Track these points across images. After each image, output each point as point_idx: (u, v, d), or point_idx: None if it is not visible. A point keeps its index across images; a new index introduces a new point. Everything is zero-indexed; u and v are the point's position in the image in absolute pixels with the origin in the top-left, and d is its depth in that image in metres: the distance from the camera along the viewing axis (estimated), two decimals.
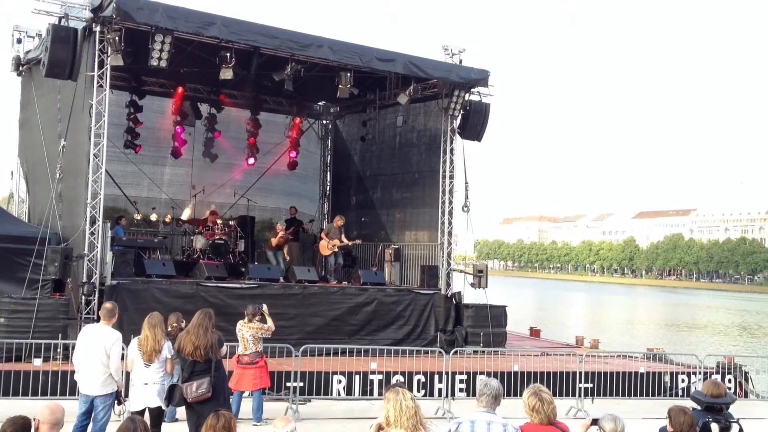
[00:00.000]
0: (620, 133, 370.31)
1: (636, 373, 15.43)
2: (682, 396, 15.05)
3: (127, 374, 8.98)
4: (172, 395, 8.23)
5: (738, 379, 16.42)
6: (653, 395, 15.28)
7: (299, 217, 22.14)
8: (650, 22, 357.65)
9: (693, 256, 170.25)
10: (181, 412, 9.17)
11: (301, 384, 13.01)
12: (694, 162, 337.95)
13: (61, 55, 14.69)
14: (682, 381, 16.05)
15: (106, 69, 15.10)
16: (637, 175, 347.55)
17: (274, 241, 19.76)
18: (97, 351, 8.18)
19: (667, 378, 15.95)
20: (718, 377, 15.16)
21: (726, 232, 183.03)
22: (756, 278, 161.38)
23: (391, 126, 21.69)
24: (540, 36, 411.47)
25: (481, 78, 18.63)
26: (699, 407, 7.12)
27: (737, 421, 7.04)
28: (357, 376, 13.92)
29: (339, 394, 13.77)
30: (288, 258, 20.08)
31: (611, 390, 15.00)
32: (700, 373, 15.72)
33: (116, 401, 8.38)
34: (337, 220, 20.13)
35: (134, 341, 8.58)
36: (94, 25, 14.94)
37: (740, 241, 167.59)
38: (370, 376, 13.92)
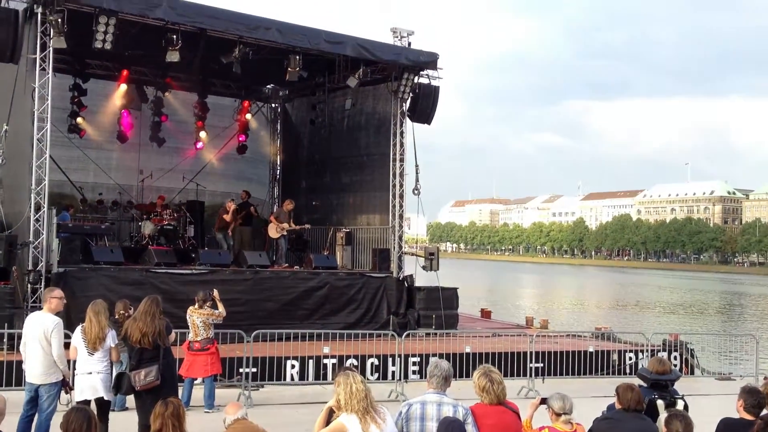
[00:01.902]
0: (568, 115, 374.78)
1: (585, 352, 15.69)
2: (630, 374, 15.34)
3: (74, 363, 8.81)
4: (120, 383, 8.10)
5: (684, 356, 16.82)
6: (602, 374, 15.55)
7: (251, 202, 21.93)
8: None
9: (641, 237, 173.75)
10: (131, 400, 9.05)
11: (254, 370, 12.93)
12: (641, 143, 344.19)
13: (1, 38, 14.23)
14: (630, 359, 16.39)
15: (49, 51, 14.69)
16: (585, 156, 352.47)
17: (227, 218, 19.67)
18: (38, 338, 8.03)
19: (615, 356, 16.27)
20: (664, 355, 15.50)
21: (672, 212, 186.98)
22: (702, 257, 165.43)
23: (341, 109, 21.57)
24: (491, 17, 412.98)
25: (429, 61, 18.65)
26: (645, 384, 7.24)
27: (682, 398, 7.17)
28: (310, 361, 13.91)
29: (292, 379, 13.75)
30: (233, 240, 20.05)
31: (561, 369, 15.24)
32: (647, 351, 16.05)
33: (63, 390, 8.23)
34: (286, 203, 20.04)
35: (78, 329, 8.40)
36: (35, 6, 14.52)
37: (686, 221, 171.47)
38: (324, 361, 13.92)
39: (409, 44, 18.70)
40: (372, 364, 14.27)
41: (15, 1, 14.76)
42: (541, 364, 14.93)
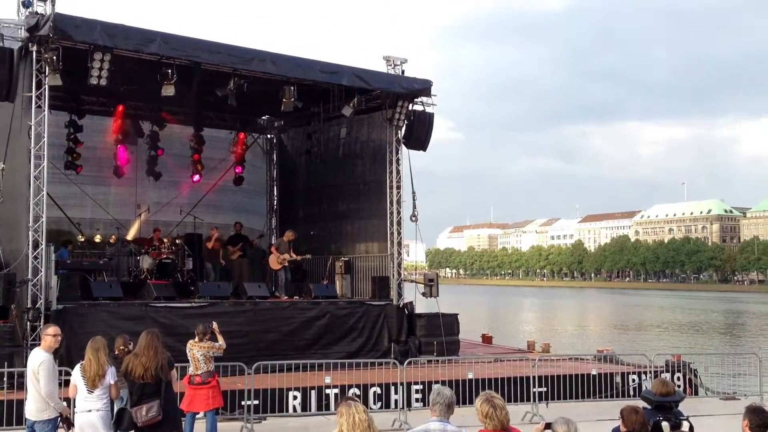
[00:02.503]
0: (564, 138, 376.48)
1: (588, 375, 15.61)
2: (634, 396, 15.25)
3: (74, 401, 8.74)
4: (121, 420, 8.02)
5: (687, 376, 16.74)
6: (605, 396, 15.46)
7: (246, 233, 21.91)
8: None
9: (640, 257, 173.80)
10: None
11: (256, 402, 12.87)
12: (637, 164, 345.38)
13: None
14: (633, 381, 16.30)
15: (44, 89, 14.74)
16: (582, 179, 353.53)
17: (209, 245, 19.75)
18: (30, 376, 8.01)
19: (618, 378, 16.18)
20: (667, 376, 15.43)
21: (670, 232, 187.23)
22: (702, 276, 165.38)
23: (336, 138, 21.60)
24: (484, 39, 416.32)
25: (423, 88, 18.74)
26: (649, 406, 7.21)
27: (687, 419, 7.14)
28: (312, 391, 13.83)
29: (294, 411, 13.64)
30: (224, 263, 20.29)
31: (565, 393, 15.15)
32: (650, 372, 15.98)
33: (64, 428, 8.16)
34: (287, 234, 20.03)
35: (77, 367, 8.35)
36: (30, 44, 14.59)
37: (684, 240, 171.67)
38: (326, 391, 13.84)
39: (403, 72, 18.83)
40: (374, 392, 14.19)
41: (10, 40, 14.81)
42: (545, 389, 14.84)
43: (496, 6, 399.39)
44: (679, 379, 16.28)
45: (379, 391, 14.17)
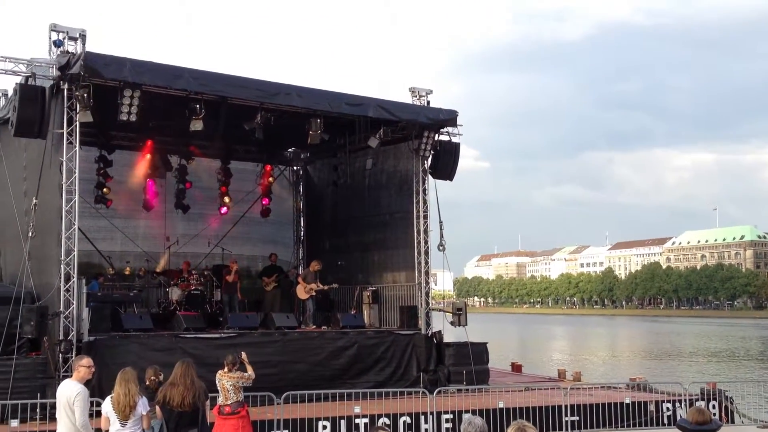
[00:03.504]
0: (589, 166, 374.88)
1: (621, 403, 15.40)
2: (668, 424, 15.04)
3: None
4: None
5: (723, 404, 16.44)
6: (639, 425, 15.23)
7: (279, 264, 22.05)
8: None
9: (671, 284, 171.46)
10: None
11: (286, 431, 12.84)
12: (665, 191, 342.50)
13: (29, 114, 14.61)
14: (667, 409, 16.03)
15: (75, 126, 15.03)
16: (610, 206, 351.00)
17: (229, 278, 19.87)
18: (63, 407, 8.06)
19: (653, 407, 15.93)
20: (703, 404, 15.17)
21: (703, 259, 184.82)
22: (735, 303, 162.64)
23: (362, 169, 21.75)
24: (506, 69, 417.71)
25: (449, 118, 18.81)
26: None
27: None
28: (342, 421, 13.78)
29: None
30: (241, 297, 20.55)
31: (597, 422, 14.94)
32: (685, 400, 15.72)
33: None
34: (313, 264, 20.12)
35: (108, 399, 8.42)
36: (61, 83, 14.90)
37: (717, 267, 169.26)
38: (356, 420, 13.78)
39: (428, 103, 18.94)
40: (404, 422, 14.09)
41: (41, 78, 15.16)
42: (577, 418, 14.67)
43: (513, 36, 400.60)
44: (714, 407, 15.98)
45: (409, 420, 14.08)
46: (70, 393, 8.09)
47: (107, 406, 8.37)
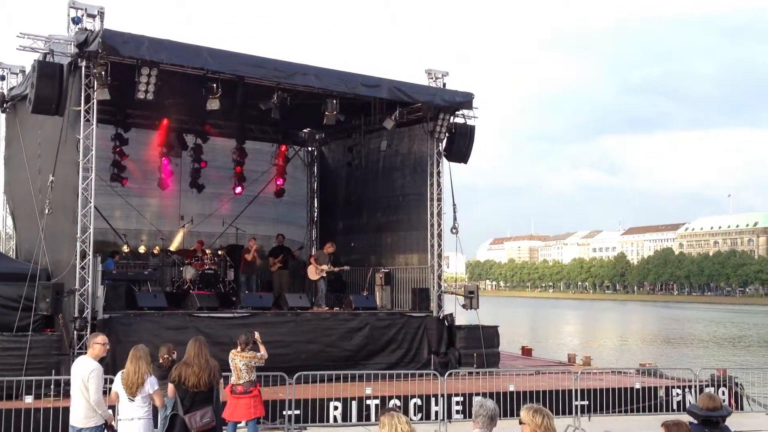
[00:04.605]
0: (607, 150, 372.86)
1: (631, 388, 15.43)
2: (678, 410, 15.06)
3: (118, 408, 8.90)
4: (173, 426, 8.04)
5: (733, 390, 16.45)
6: (649, 411, 15.26)
7: (287, 245, 22.13)
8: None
9: (684, 270, 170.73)
10: None
11: (297, 412, 12.98)
12: (681, 176, 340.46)
13: (47, 91, 14.66)
14: (677, 395, 16.06)
15: (93, 103, 15.08)
16: (625, 191, 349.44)
17: (248, 257, 19.92)
18: (77, 383, 8.16)
19: (662, 392, 15.96)
20: (712, 390, 15.17)
21: (715, 245, 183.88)
22: (747, 290, 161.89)
23: (376, 150, 21.73)
24: (526, 53, 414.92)
25: (465, 101, 18.75)
26: (695, 421, 7.13)
27: None
28: (353, 402, 13.87)
29: (335, 421, 13.70)
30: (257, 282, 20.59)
31: (607, 406, 14.99)
32: (695, 386, 15.73)
33: None
34: (327, 246, 20.19)
35: (119, 375, 8.51)
36: (79, 60, 14.95)
37: (730, 253, 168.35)
38: (367, 401, 13.88)
39: (444, 85, 18.88)
40: (415, 404, 14.19)
41: (59, 55, 15.20)
42: (586, 402, 14.71)
43: (536, 21, 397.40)
44: (724, 393, 16.00)
45: (419, 402, 14.17)
46: (84, 370, 8.17)
47: (117, 381, 8.46)
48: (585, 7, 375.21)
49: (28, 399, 12.27)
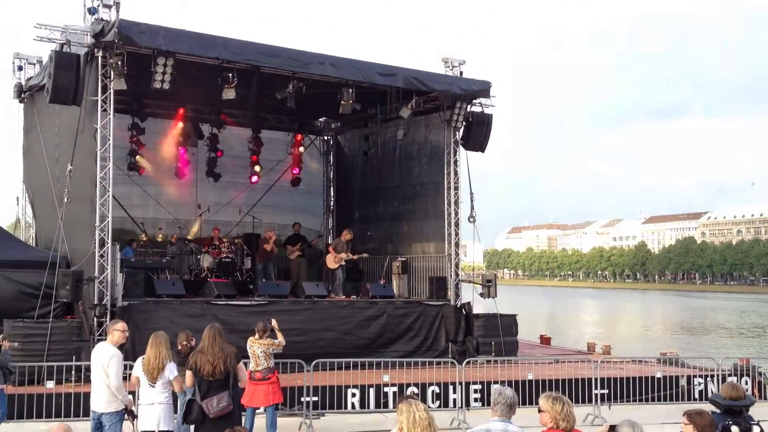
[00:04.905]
0: (625, 136, 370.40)
1: (652, 377, 15.32)
2: (700, 399, 14.92)
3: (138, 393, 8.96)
4: (190, 411, 8.05)
5: (756, 380, 16.29)
6: (669, 400, 15.15)
7: (303, 233, 22.15)
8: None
9: (706, 260, 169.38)
10: None
11: (315, 398, 13.00)
12: (703, 165, 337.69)
13: (64, 81, 14.72)
14: (699, 384, 15.92)
15: (110, 93, 15.13)
16: (646, 179, 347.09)
17: (268, 247, 19.95)
18: (97, 369, 8.24)
19: (684, 382, 15.82)
20: (735, 379, 15.03)
21: (738, 234, 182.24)
22: None
23: (393, 139, 21.65)
24: (543, 42, 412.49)
25: (482, 89, 18.62)
26: (718, 410, 7.06)
27: (758, 423, 6.97)
28: (371, 389, 13.88)
29: (353, 408, 13.71)
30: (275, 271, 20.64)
31: (627, 395, 14.89)
32: (717, 376, 15.59)
33: (129, 419, 8.37)
34: (344, 234, 20.17)
35: (139, 360, 8.58)
36: (96, 50, 15.00)
37: (754, 242, 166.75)
38: (384, 389, 13.88)
39: (461, 73, 18.75)
40: (433, 391, 14.17)
41: (76, 45, 15.24)
42: (606, 391, 14.61)
43: (557, 12, 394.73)
44: (746, 382, 15.82)
45: (437, 390, 14.15)
46: (104, 356, 8.24)
47: (138, 367, 8.53)
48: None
49: (50, 384, 12.40)
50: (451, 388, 14.15)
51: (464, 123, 19.11)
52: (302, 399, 12.85)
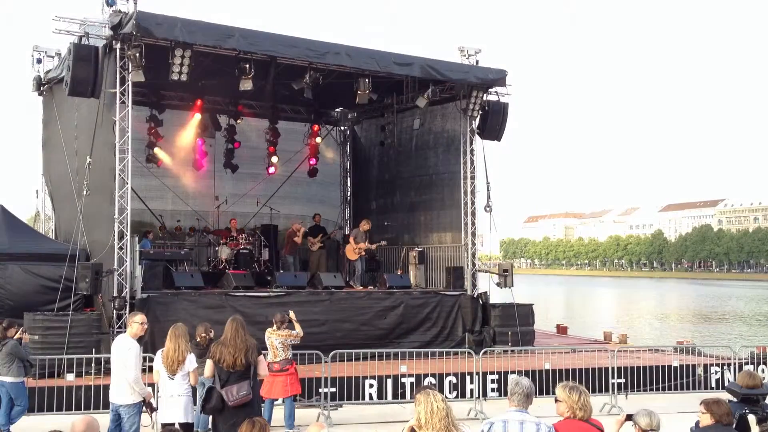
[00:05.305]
0: (642, 125, 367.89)
1: (669, 366, 15.28)
2: (716, 388, 14.88)
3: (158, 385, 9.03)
4: (209, 398, 8.07)
5: None
6: (686, 389, 15.11)
7: (322, 224, 22.22)
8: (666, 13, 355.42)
9: (723, 247, 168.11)
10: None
11: (333, 389, 13.04)
12: (719, 152, 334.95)
13: (83, 74, 14.82)
14: (716, 373, 15.87)
15: (128, 85, 15.22)
16: (662, 167, 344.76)
17: (298, 240, 20.03)
18: (117, 361, 8.34)
19: (701, 370, 15.78)
20: (751, 368, 14.97)
21: (755, 221, 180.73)
22: None
23: (409, 129, 21.69)
24: (556, 30, 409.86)
25: (498, 78, 18.59)
26: (735, 399, 7.06)
27: None
28: (388, 380, 13.92)
29: (371, 398, 13.76)
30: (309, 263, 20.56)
31: (644, 385, 14.88)
32: (734, 364, 15.54)
33: (147, 412, 8.46)
34: (363, 224, 20.21)
35: (159, 353, 8.65)
36: (114, 42, 15.09)
37: None
38: (402, 379, 13.91)
39: (477, 62, 18.71)
40: (450, 382, 14.20)
41: (94, 38, 15.34)
42: (623, 380, 14.59)
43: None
44: (764, 371, 15.77)
45: (454, 380, 14.17)
46: (123, 348, 8.34)
47: (158, 360, 8.60)
48: None
49: (70, 377, 12.52)
50: (468, 378, 14.16)
51: (480, 112, 19.07)
52: (320, 390, 12.91)
